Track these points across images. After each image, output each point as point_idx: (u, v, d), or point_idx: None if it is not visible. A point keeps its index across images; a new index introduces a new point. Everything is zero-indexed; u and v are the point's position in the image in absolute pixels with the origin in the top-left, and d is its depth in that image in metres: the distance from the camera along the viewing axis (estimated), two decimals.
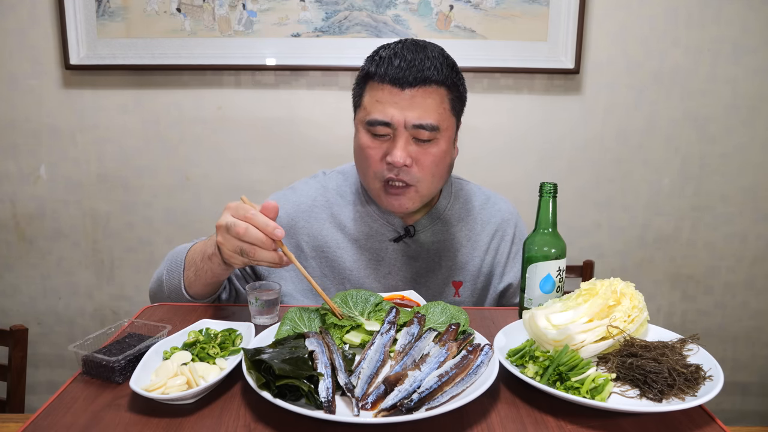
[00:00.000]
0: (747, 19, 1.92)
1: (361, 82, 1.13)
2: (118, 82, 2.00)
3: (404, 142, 1.08)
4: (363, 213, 1.25)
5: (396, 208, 1.14)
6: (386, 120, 1.07)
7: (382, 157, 1.10)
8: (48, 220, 2.11)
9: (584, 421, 0.76)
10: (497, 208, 1.30)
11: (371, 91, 1.10)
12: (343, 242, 1.24)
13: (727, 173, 2.04)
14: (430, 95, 1.07)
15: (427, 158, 1.10)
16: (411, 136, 1.08)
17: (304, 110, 2.01)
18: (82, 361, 0.86)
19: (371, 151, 1.11)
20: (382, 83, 1.07)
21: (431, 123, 1.07)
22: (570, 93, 1.99)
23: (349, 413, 0.73)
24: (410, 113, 1.06)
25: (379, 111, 1.08)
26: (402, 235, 1.23)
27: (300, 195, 1.28)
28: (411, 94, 1.06)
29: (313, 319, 0.98)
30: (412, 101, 1.06)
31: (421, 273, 1.24)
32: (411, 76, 1.05)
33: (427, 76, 1.06)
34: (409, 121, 1.07)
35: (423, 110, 1.07)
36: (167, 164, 2.05)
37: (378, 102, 1.08)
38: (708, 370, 0.83)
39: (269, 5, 1.90)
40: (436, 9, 1.90)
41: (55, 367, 2.22)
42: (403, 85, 1.06)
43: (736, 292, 2.13)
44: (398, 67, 1.06)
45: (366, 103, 1.11)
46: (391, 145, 1.09)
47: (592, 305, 0.89)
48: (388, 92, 1.07)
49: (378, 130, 1.09)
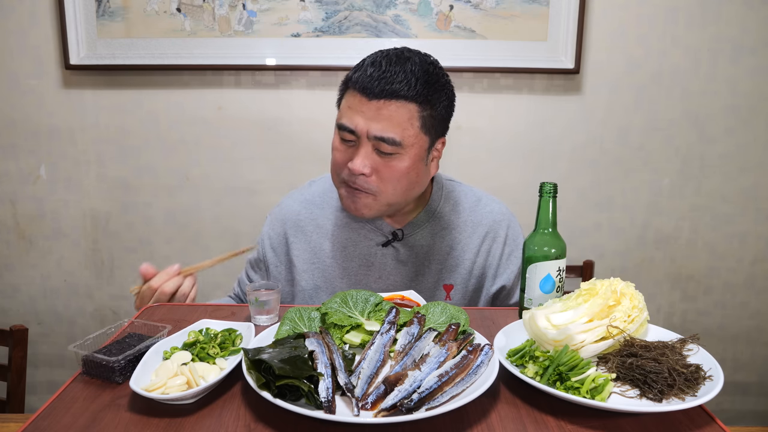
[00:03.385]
0: (747, 19, 1.92)
1: (344, 85, 1.14)
2: (118, 82, 2.00)
3: (365, 151, 1.08)
4: (350, 219, 1.25)
5: (353, 211, 1.14)
6: (351, 127, 1.08)
7: (346, 161, 1.11)
8: (48, 220, 2.11)
9: (584, 421, 0.76)
10: (488, 209, 1.28)
11: (347, 95, 1.11)
12: (331, 251, 1.24)
13: (727, 173, 2.04)
14: (397, 109, 1.06)
15: (387, 171, 1.09)
16: (373, 146, 1.08)
17: (304, 110, 2.01)
18: (82, 361, 0.86)
19: (338, 153, 1.12)
20: (354, 90, 1.08)
21: (392, 137, 1.06)
22: (570, 93, 1.99)
23: (349, 413, 0.73)
24: (374, 125, 1.06)
25: (347, 117, 1.09)
26: (390, 240, 1.22)
27: (286, 211, 1.31)
28: (377, 105, 1.05)
29: (313, 319, 0.98)
30: (378, 113, 1.06)
31: (411, 277, 1.23)
32: (378, 87, 1.05)
33: (395, 90, 1.05)
34: (371, 132, 1.06)
35: (387, 123, 1.06)
36: (167, 164, 2.05)
37: (348, 108, 1.09)
38: (708, 370, 0.83)
39: (269, 5, 1.90)
40: (436, 9, 1.90)
41: (55, 367, 2.22)
42: (370, 96, 1.05)
43: (736, 292, 2.13)
44: (369, 76, 1.06)
45: (342, 106, 1.12)
46: (354, 152, 1.09)
47: (592, 305, 0.89)
48: (358, 100, 1.07)
49: (345, 135, 1.10)
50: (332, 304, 0.99)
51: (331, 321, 0.94)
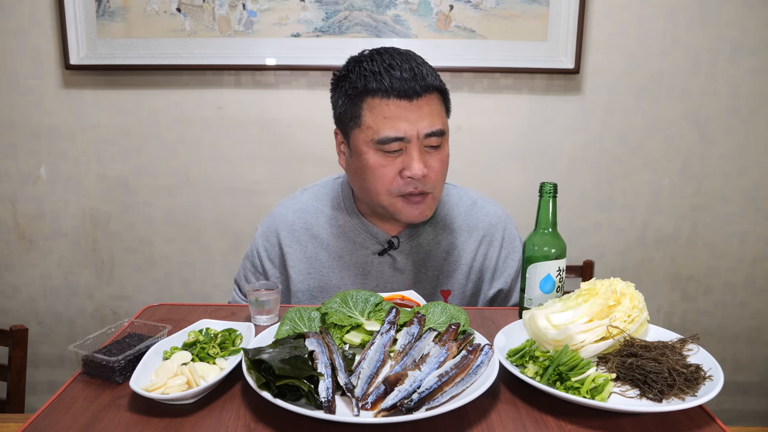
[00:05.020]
0: (747, 19, 1.92)
1: (356, 100, 1.09)
2: (118, 82, 2.00)
3: (419, 154, 1.07)
4: (345, 228, 1.23)
5: (417, 218, 1.13)
6: (400, 135, 1.05)
7: (396, 172, 1.08)
8: (48, 220, 2.11)
9: (584, 421, 0.76)
10: (484, 212, 1.27)
11: (374, 108, 1.06)
12: (327, 261, 1.23)
13: (727, 173, 2.04)
14: (433, 101, 1.07)
15: (437, 163, 1.10)
16: (423, 145, 1.08)
17: (304, 110, 2.01)
18: (82, 361, 0.86)
19: (384, 169, 1.08)
20: (387, 98, 1.05)
21: (440, 128, 1.08)
22: (570, 93, 1.99)
23: (349, 413, 0.73)
24: (422, 123, 1.06)
25: (390, 127, 1.05)
26: (386, 248, 1.21)
27: (280, 221, 1.28)
28: (418, 104, 1.05)
29: (313, 319, 0.98)
30: (421, 111, 1.05)
31: (409, 284, 1.22)
32: (417, 85, 1.04)
33: (430, 84, 1.06)
34: (421, 131, 1.06)
35: (431, 118, 1.07)
36: (167, 164, 2.05)
37: (386, 118, 1.05)
38: (708, 370, 0.83)
39: (269, 5, 1.90)
40: (436, 9, 1.90)
41: (55, 367, 2.22)
42: (412, 97, 1.05)
43: (736, 292, 2.13)
44: (401, 79, 1.04)
45: (370, 122, 1.07)
46: (406, 159, 1.07)
47: (592, 305, 0.89)
48: (395, 106, 1.05)
49: (391, 147, 1.06)
50: (332, 304, 0.99)
51: (331, 321, 0.94)
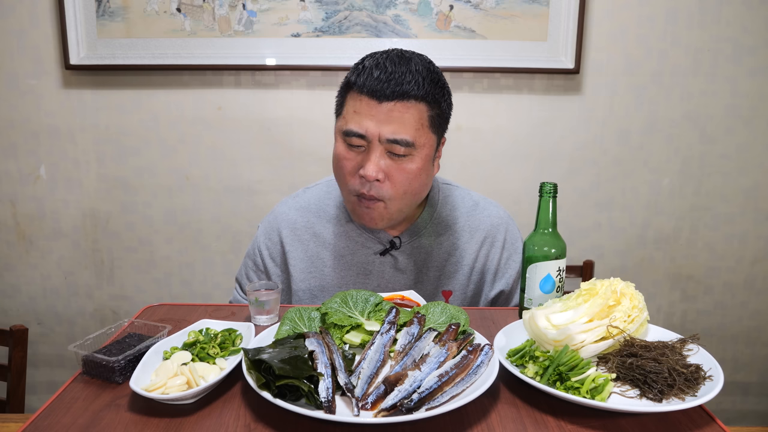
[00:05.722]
0: (747, 19, 1.92)
1: (343, 90, 1.11)
2: (118, 82, 2.00)
3: (377, 156, 1.06)
4: (347, 228, 1.23)
5: (367, 222, 1.13)
6: (361, 132, 1.05)
7: (355, 169, 1.08)
8: (48, 220, 2.11)
9: (584, 421, 0.76)
10: (486, 213, 1.27)
11: (351, 100, 1.08)
12: (329, 260, 1.23)
13: (727, 173, 2.04)
14: (408, 110, 1.05)
15: (400, 174, 1.08)
16: (385, 150, 1.06)
17: (304, 110, 2.01)
18: (82, 361, 0.86)
19: (346, 162, 1.10)
20: (361, 94, 1.06)
21: (406, 139, 1.05)
22: (570, 93, 1.99)
23: (349, 413, 0.73)
24: (386, 127, 1.04)
25: (355, 122, 1.06)
26: (388, 248, 1.21)
27: (281, 219, 1.28)
28: (388, 107, 1.04)
29: (313, 319, 0.98)
30: (389, 115, 1.04)
31: (410, 285, 1.22)
32: (389, 89, 1.03)
33: (406, 91, 1.04)
34: (383, 135, 1.05)
35: (399, 125, 1.05)
36: (167, 164, 2.05)
37: (355, 113, 1.06)
38: (708, 370, 0.83)
39: (269, 5, 1.90)
40: (436, 9, 1.90)
41: (55, 367, 2.22)
42: (381, 98, 1.04)
43: (736, 292, 2.13)
44: (377, 79, 1.04)
45: (345, 113, 1.09)
46: (365, 158, 1.07)
47: (592, 305, 0.89)
48: (366, 104, 1.05)
49: (353, 141, 1.07)
50: (332, 304, 0.99)
51: (331, 321, 0.94)
